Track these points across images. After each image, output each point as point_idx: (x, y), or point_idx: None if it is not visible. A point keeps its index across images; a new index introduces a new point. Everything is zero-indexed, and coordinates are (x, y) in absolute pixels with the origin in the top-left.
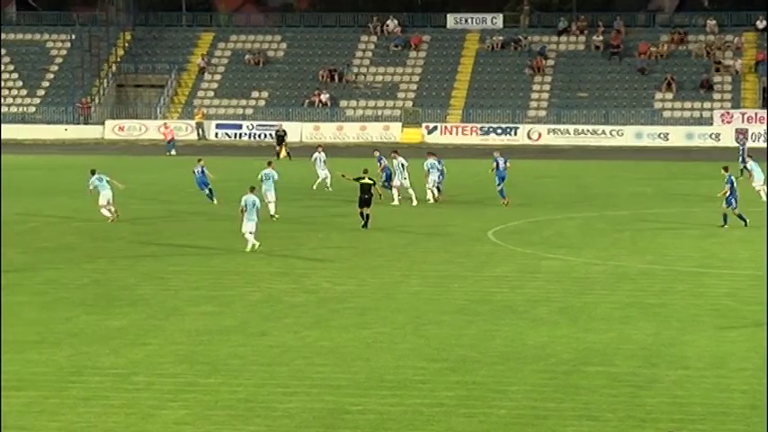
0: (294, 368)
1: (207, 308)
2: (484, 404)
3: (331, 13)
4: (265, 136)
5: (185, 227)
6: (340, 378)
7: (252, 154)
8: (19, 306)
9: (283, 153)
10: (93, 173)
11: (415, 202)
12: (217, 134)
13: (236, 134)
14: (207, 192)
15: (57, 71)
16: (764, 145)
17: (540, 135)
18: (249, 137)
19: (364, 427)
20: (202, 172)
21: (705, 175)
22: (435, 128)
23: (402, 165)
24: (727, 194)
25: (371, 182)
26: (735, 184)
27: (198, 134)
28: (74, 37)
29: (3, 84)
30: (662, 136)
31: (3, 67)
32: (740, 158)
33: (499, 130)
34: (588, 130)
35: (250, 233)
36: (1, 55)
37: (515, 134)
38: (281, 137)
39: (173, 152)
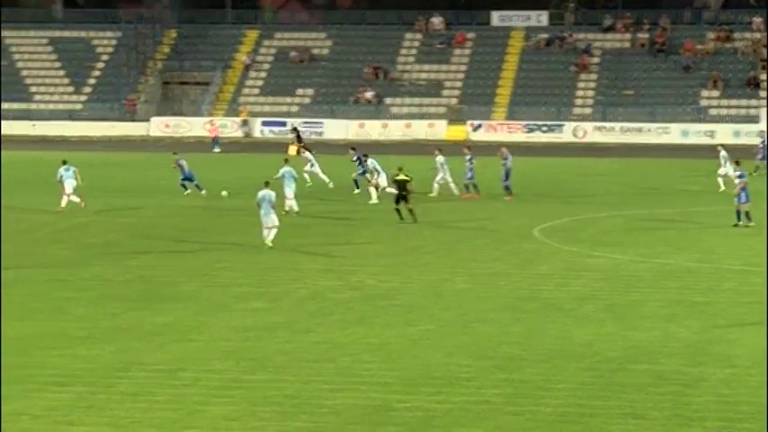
0: (341, 365)
1: (253, 304)
2: (530, 402)
3: (376, 11)
4: (310, 133)
5: (230, 223)
6: (387, 375)
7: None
8: (66, 302)
9: (293, 151)
10: (63, 163)
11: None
12: (262, 131)
13: (281, 131)
14: (195, 184)
15: (103, 68)
16: None
17: (585, 132)
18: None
19: (411, 424)
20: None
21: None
22: (480, 125)
23: (442, 163)
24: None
25: (407, 178)
26: (745, 179)
27: (243, 131)
28: (120, 34)
29: (50, 81)
30: (708, 133)
31: (49, 65)
32: (760, 155)
33: (544, 128)
34: (634, 128)
35: (268, 228)
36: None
37: (561, 132)
38: (298, 135)
39: (217, 149)
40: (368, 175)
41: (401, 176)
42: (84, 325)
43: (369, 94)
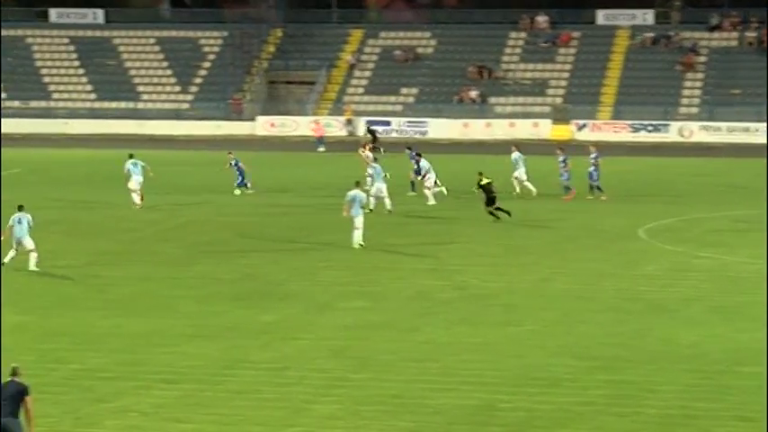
0: (445, 364)
1: (358, 303)
2: (634, 403)
3: (480, 10)
4: (414, 133)
5: (335, 222)
6: (490, 375)
7: (401, 150)
8: (174, 300)
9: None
10: (130, 157)
11: (534, 192)
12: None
13: (385, 130)
14: (245, 182)
15: (209, 68)
16: None
17: (691, 132)
18: (398, 133)
19: (514, 424)
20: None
21: None
22: (585, 125)
23: (517, 159)
24: None
25: (489, 179)
26: None
27: (348, 131)
28: (226, 34)
29: (157, 80)
30: None
31: (157, 64)
32: None
33: (650, 128)
34: (741, 128)
35: (357, 229)
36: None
37: (666, 131)
38: (373, 134)
39: (322, 148)
40: (421, 176)
41: (484, 180)
42: (192, 323)
43: (473, 94)
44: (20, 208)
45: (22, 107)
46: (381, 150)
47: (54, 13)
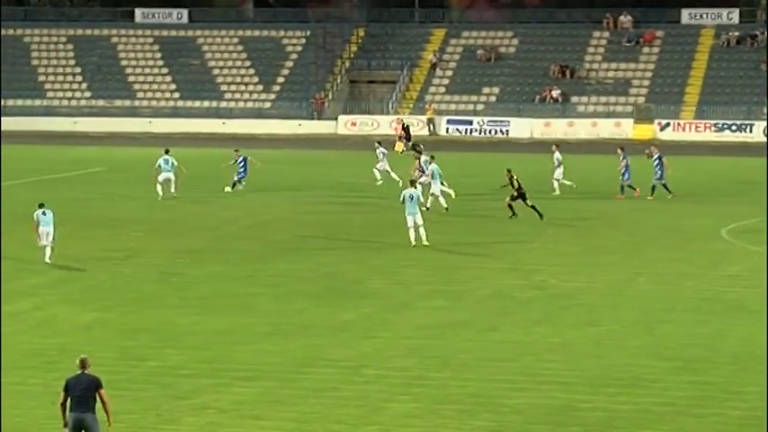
0: (523, 364)
1: (437, 302)
2: (716, 405)
3: (563, 9)
4: (496, 132)
5: None
6: (569, 375)
7: (482, 149)
8: (253, 297)
9: (401, 147)
10: (166, 152)
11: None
12: (447, 129)
13: (466, 130)
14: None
15: (292, 67)
16: None
17: None
18: (480, 132)
19: (593, 424)
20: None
21: None
22: (668, 124)
23: (559, 159)
24: None
25: (513, 176)
26: None
27: (429, 130)
28: (309, 33)
29: (240, 79)
30: None
31: (240, 63)
32: None
33: (734, 127)
34: None
35: (413, 228)
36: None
37: (750, 131)
38: (407, 130)
39: (403, 148)
40: (424, 178)
41: (508, 179)
42: (270, 320)
43: (555, 93)
44: (41, 206)
45: (107, 106)
46: (418, 148)
47: (139, 13)
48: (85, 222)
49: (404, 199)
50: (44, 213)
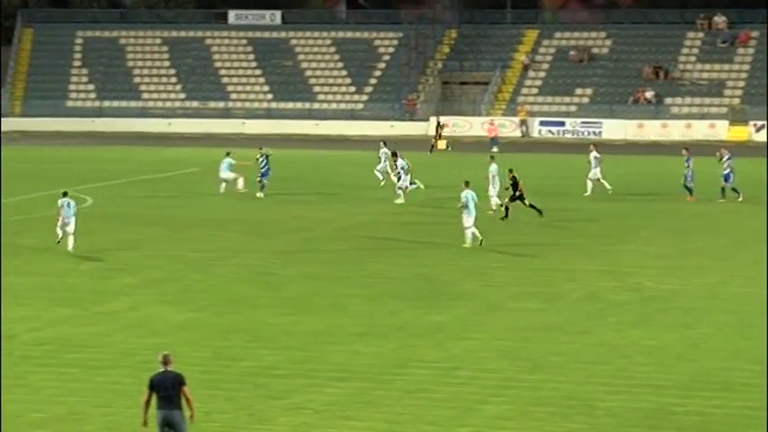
0: (617, 367)
1: (530, 304)
2: None
3: (657, 10)
4: (588, 133)
5: (508, 223)
6: (663, 378)
7: (575, 151)
8: (347, 298)
9: (442, 145)
10: (227, 155)
11: (588, 193)
12: (540, 131)
13: (559, 131)
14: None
15: (384, 69)
16: None
17: None
18: (572, 134)
19: (687, 428)
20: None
21: None
22: (763, 126)
23: (596, 157)
24: None
25: (515, 175)
26: None
27: (521, 131)
28: (401, 35)
29: (332, 81)
30: None
31: (332, 65)
32: None
33: None
34: None
35: (467, 228)
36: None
37: None
38: (441, 128)
39: (495, 149)
40: (390, 172)
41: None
42: (363, 321)
43: (648, 94)
44: (64, 194)
45: (201, 107)
46: (448, 147)
47: (233, 15)
48: (180, 223)
49: (467, 201)
50: (68, 205)
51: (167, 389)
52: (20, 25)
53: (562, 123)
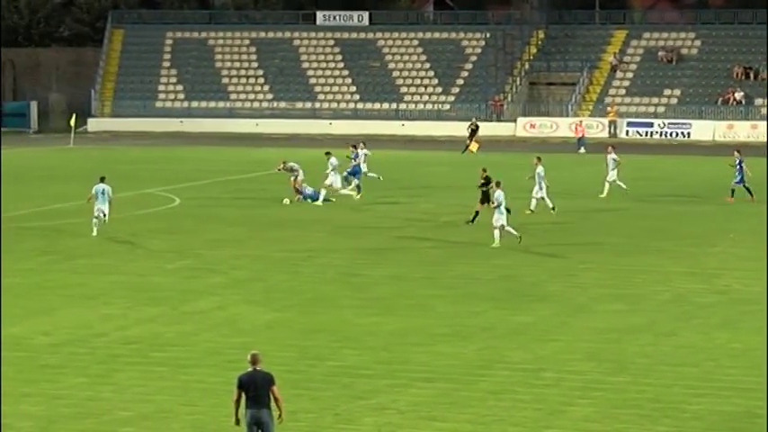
0: (703, 369)
1: (615, 306)
2: None
3: (747, 10)
4: (677, 134)
5: (595, 224)
6: (751, 381)
7: (663, 152)
8: (432, 299)
9: (475, 147)
10: (327, 154)
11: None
12: (628, 132)
13: (647, 132)
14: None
15: (471, 69)
16: None
17: None
18: (660, 135)
19: None
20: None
21: None
22: None
23: (614, 159)
24: None
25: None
26: None
27: (609, 132)
28: (488, 35)
29: (419, 81)
30: None
31: (419, 66)
32: None
33: None
34: None
35: (496, 228)
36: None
37: None
38: (473, 131)
39: (582, 150)
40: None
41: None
42: (448, 322)
43: (738, 95)
44: (102, 179)
45: (288, 108)
46: (479, 148)
47: (320, 16)
48: (267, 223)
49: (500, 201)
50: (102, 192)
51: (257, 388)
52: (110, 26)
53: (650, 124)
